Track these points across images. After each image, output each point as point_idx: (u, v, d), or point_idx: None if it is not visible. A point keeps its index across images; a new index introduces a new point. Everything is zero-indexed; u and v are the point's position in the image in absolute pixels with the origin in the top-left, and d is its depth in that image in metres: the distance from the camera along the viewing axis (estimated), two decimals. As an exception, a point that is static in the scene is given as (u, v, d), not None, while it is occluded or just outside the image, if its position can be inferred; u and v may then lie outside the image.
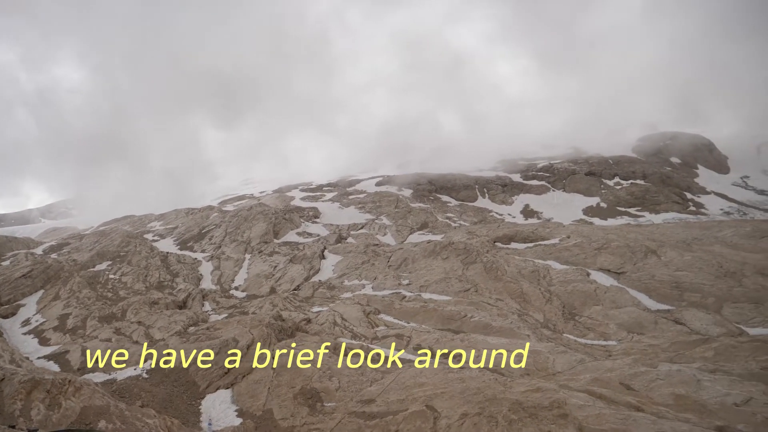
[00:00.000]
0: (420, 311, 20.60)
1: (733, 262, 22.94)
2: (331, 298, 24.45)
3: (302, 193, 57.57)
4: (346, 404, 10.93)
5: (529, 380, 10.59)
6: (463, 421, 8.73)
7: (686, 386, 9.93)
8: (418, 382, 11.00)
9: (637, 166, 64.69)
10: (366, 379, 12.13)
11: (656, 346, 16.24)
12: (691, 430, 7.71)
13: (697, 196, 59.17)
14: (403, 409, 9.72)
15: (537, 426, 8.14)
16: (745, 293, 20.40)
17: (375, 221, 45.02)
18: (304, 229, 40.92)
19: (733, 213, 54.02)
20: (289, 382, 12.30)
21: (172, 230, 41.96)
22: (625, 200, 57.07)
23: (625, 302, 21.13)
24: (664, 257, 24.27)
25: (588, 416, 8.27)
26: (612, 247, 26.02)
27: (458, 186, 60.41)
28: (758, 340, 14.81)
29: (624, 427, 7.87)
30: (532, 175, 64.76)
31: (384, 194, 54.38)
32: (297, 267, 30.30)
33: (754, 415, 8.62)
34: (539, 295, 22.21)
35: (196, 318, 20.10)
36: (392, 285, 25.19)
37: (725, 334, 17.35)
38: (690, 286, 21.45)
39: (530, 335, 17.70)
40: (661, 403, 9.31)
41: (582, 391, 9.69)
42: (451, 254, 26.82)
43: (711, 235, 29.42)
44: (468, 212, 53.00)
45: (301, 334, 15.99)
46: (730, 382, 10.08)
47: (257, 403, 11.84)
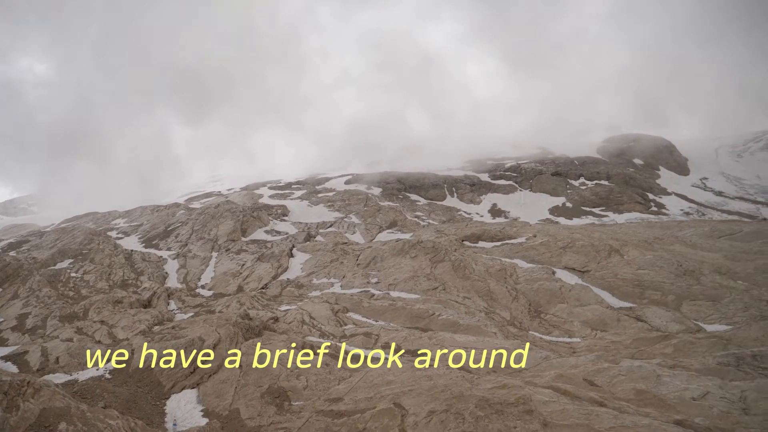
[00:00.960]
0: (388, 309, 20.65)
1: (692, 261, 23.61)
2: (299, 297, 24.33)
3: (271, 191, 57.10)
4: (313, 403, 10.89)
5: (496, 377, 10.72)
6: (430, 418, 8.78)
7: (647, 381, 10.17)
8: (386, 380, 11.03)
9: (601, 166, 66.03)
10: (334, 377, 12.11)
11: (618, 342, 16.61)
12: (651, 423, 7.90)
13: (659, 197, 60.74)
14: (371, 407, 9.73)
15: (503, 422, 8.25)
16: (703, 291, 21.03)
17: (344, 219, 44.95)
18: (272, 227, 40.59)
19: (692, 213, 55.60)
20: (256, 381, 12.20)
21: (137, 228, 41.17)
22: (589, 200, 58.20)
23: (589, 300, 21.56)
24: (626, 256, 24.83)
25: (552, 412, 8.41)
26: (577, 246, 26.51)
27: (427, 185, 60.73)
28: (715, 337, 15.29)
29: (587, 421, 8.03)
30: (499, 174, 65.53)
31: (353, 193, 54.32)
32: (265, 265, 30.04)
33: (710, 408, 8.89)
34: (506, 293, 22.50)
35: (161, 317, 19.77)
36: (361, 283, 25.20)
37: (684, 331, 17.86)
38: (651, 284, 22.00)
39: (497, 333, 17.91)
40: (623, 398, 9.51)
41: (547, 388, 9.84)
42: (419, 253, 26.95)
43: (671, 235, 30.23)
44: (437, 211, 53.33)
45: (268, 333, 15.87)
46: (688, 377, 10.35)
47: (224, 402, 11.71)
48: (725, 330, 17.12)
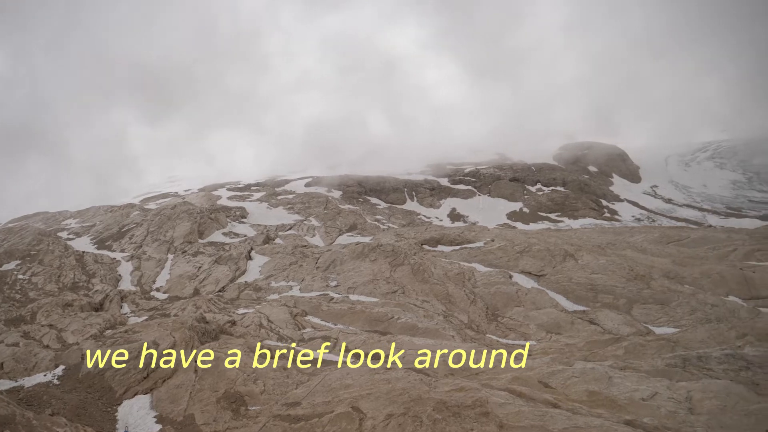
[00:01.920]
0: (348, 313, 20.61)
1: (643, 266, 24.38)
2: (257, 300, 24.03)
3: (229, 193, 56.26)
4: (270, 407, 10.76)
5: (453, 380, 10.82)
6: (388, 421, 8.80)
7: (599, 383, 10.42)
8: (344, 383, 10.99)
9: (557, 173, 67.51)
10: (292, 381, 12.00)
11: (572, 345, 16.99)
12: (603, 424, 8.10)
13: (612, 203, 62.50)
14: (329, 411, 9.68)
15: (460, 424, 8.33)
16: (652, 295, 21.73)
17: (304, 222, 44.67)
18: (230, 230, 40.00)
19: (643, 220, 57.42)
20: (212, 386, 11.97)
21: (89, 228, 39.94)
22: (546, 206, 59.43)
23: (545, 303, 22.01)
24: (581, 261, 25.46)
25: (508, 414, 8.53)
26: (533, 250, 27.03)
27: (387, 189, 60.92)
28: (663, 339, 15.82)
29: (541, 423, 8.18)
30: (459, 179, 66.26)
31: (313, 195, 54.06)
32: (222, 268, 29.56)
33: (658, 408, 9.18)
34: (464, 297, 22.76)
35: (113, 320, 19.21)
36: (320, 287, 25.07)
37: (634, 334, 18.41)
38: (604, 288, 22.62)
39: (455, 336, 18.10)
40: (576, 400, 9.73)
41: (503, 390, 9.98)
42: (379, 256, 27.00)
43: (623, 240, 31.16)
44: (397, 215, 53.55)
45: (225, 337, 15.61)
46: (638, 378, 10.66)
47: (178, 408, 11.46)
48: (673, 332, 17.72)
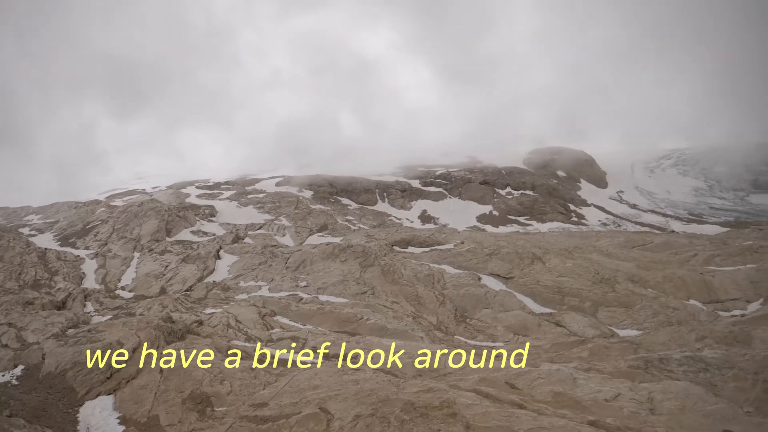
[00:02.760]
0: (317, 313, 20.52)
1: (608, 270, 24.87)
2: (225, 300, 23.75)
3: (198, 191, 55.52)
4: (237, 408, 10.66)
5: (422, 381, 10.88)
6: (356, 422, 8.80)
7: (564, 384, 10.60)
8: (312, 384, 10.95)
9: (527, 177, 68.43)
10: (259, 382, 11.90)
11: (539, 347, 17.23)
12: (567, 424, 8.24)
13: (579, 208, 63.64)
14: (297, 412, 9.64)
15: (427, 425, 8.37)
16: (617, 298, 22.19)
17: (274, 222, 44.35)
18: (199, 228, 39.47)
19: (609, 224, 58.61)
20: (177, 386, 11.79)
21: (52, 225, 38.95)
22: (515, 209, 60.17)
23: (513, 306, 22.28)
24: (548, 264, 25.84)
25: (475, 414, 8.61)
26: (502, 253, 27.33)
27: (359, 189, 60.92)
28: (627, 341, 16.19)
29: (507, 423, 8.28)
30: (430, 181, 66.62)
31: (284, 195, 53.73)
32: (190, 267, 29.13)
33: (621, 409, 9.39)
34: (433, 299, 22.88)
35: (76, 319, 18.75)
36: (289, 287, 24.91)
37: (599, 336, 18.78)
38: (570, 291, 23.00)
39: (424, 337, 18.19)
40: (542, 401, 9.87)
41: (470, 391, 10.08)
42: (349, 257, 26.97)
43: (590, 244, 31.74)
44: (368, 215, 53.57)
45: (192, 337, 15.39)
46: (602, 379, 10.88)
47: (142, 409, 11.26)
48: (636, 335, 18.14)
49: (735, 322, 17.20)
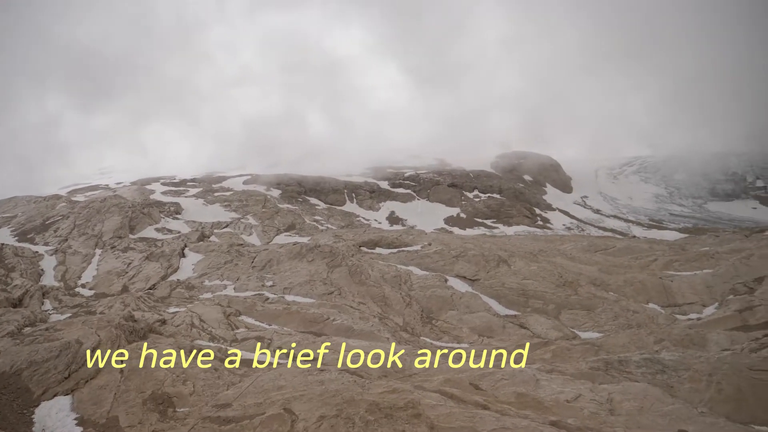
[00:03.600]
0: (283, 313, 20.37)
1: (571, 273, 25.34)
2: (189, 299, 23.38)
3: (164, 187, 54.55)
4: (200, 409, 10.50)
5: (387, 382, 10.90)
6: (320, 423, 8.77)
7: (527, 385, 10.76)
8: (277, 385, 10.86)
9: (494, 181, 69.24)
10: (223, 382, 11.76)
11: (504, 348, 17.45)
12: (529, 425, 8.36)
13: (545, 212, 64.71)
14: (261, 413, 9.56)
15: (392, 426, 8.39)
16: (579, 301, 22.63)
17: (241, 220, 43.88)
18: (163, 225, 38.78)
19: (573, 229, 59.75)
20: (138, 387, 11.56)
21: (9, 219, 37.74)
22: (482, 212, 60.83)
23: (478, 307, 22.51)
24: (513, 266, 26.19)
25: (439, 415, 8.67)
26: (469, 255, 27.58)
27: (327, 189, 60.75)
28: (588, 343, 16.53)
29: (471, 424, 8.36)
30: (399, 183, 66.85)
31: (252, 193, 53.20)
32: (154, 265, 28.59)
33: (582, 410, 9.58)
34: (400, 300, 22.96)
35: (33, 318, 18.19)
36: (255, 286, 24.67)
37: (562, 338, 19.12)
38: (534, 293, 23.36)
39: (390, 338, 18.24)
40: (505, 401, 10.00)
41: (435, 392, 10.13)
42: (317, 257, 26.86)
43: (554, 248, 32.29)
44: (336, 216, 53.46)
45: (154, 336, 15.10)
46: (563, 381, 11.08)
47: (101, 410, 10.99)
48: (597, 337, 18.54)
49: (691, 326, 17.75)
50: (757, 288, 20.82)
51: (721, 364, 11.00)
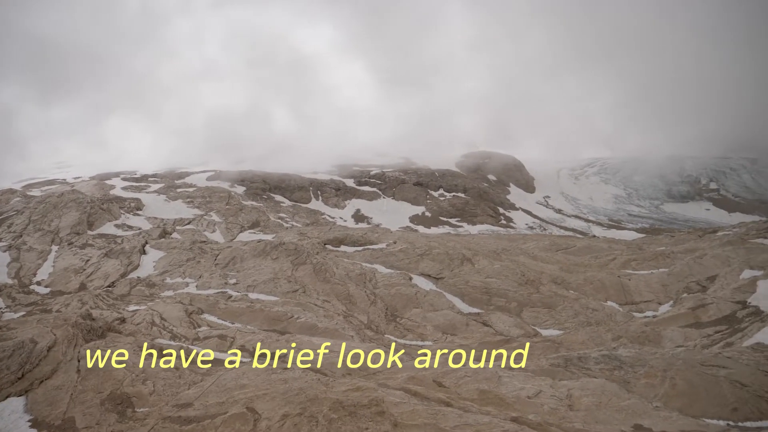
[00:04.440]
0: (246, 311, 20.15)
1: (533, 272, 25.78)
2: (150, 296, 22.92)
3: (124, 182, 53.33)
4: (160, 409, 10.32)
5: (351, 380, 10.91)
6: (284, 422, 8.72)
7: (489, 382, 10.91)
8: (239, 383, 10.76)
9: (459, 180, 69.89)
10: (184, 381, 11.57)
11: (466, 345, 17.66)
12: (491, 421, 8.48)
13: (508, 211, 65.68)
14: (223, 412, 9.45)
15: (356, 424, 8.41)
16: (541, 299, 23.05)
17: (204, 217, 43.21)
18: (124, 221, 37.90)
19: (535, 228, 60.81)
20: (96, 387, 11.28)
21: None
22: (447, 211, 61.36)
23: (442, 305, 22.70)
24: (477, 265, 26.49)
25: (403, 412, 8.72)
26: (433, 253, 27.78)
27: (293, 186, 60.36)
28: (549, 340, 16.88)
29: (434, 421, 8.44)
30: (364, 181, 66.88)
31: (215, 189, 52.45)
32: (113, 262, 27.90)
33: (542, 405, 9.78)
34: (365, 298, 22.98)
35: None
36: (218, 284, 24.32)
37: (523, 335, 19.45)
38: (497, 291, 23.69)
39: (354, 336, 18.23)
40: (468, 398, 10.12)
41: (399, 389, 10.19)
42: (281, 254, 26.65)
43: (517, 247, 32.80)
44: (301, 213, 53.15)
45: (113, 335, 14.76)
46: (524, 377, 11.28)
47: (57, 411, 10.69)
48: (557, 334, 18.93)
49: (647, 323, 18.29)
50: (709, 286, 21.57)
51: (675, 360, 11.38)
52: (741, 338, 14.39)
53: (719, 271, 22.47)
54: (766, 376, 10.40)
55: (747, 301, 17.31)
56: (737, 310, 16.96)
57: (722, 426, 9.18)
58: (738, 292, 18.32)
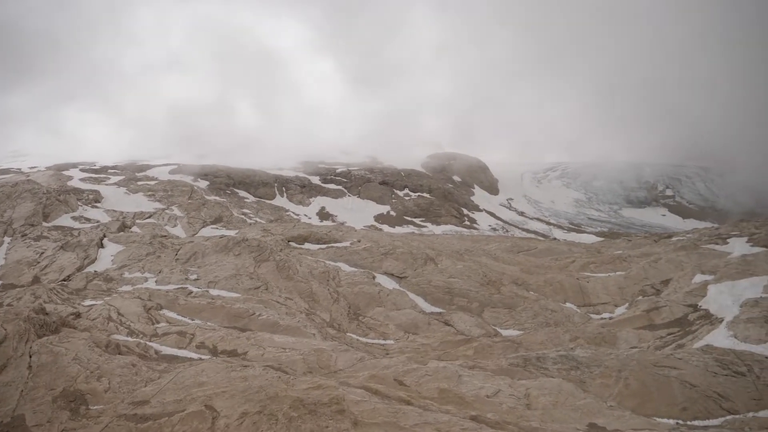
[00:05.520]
0: (207, 308, 19.86)
1: (495, 272, 26.12)
2: (107, 291, 22.36)
3: (83, 174, 51.92)
4: (115, 407, 10.09)
5: (312, 378, 10.88)
6: (242, 420, 8.65)
7: (449, 381, 11.02)
8: (198, 381, 10.61)
9: (424, 180, 70.35)
10: (141, 379, 11.34)
11: (428, 345, 17.79)
12: (450, 419, 8.57)
13: (472, 212, 66.45)
14: (180, 410, 9.30)
15: (316, 422, 8.39)
16: (502, 299, 23.37)
17: (165, 211, 42.39)
18: (81, 214, 36.88)
19: (498, 230, 61.67)
20: (48, 383, 10.95)
21: None
22: (412, 211, 61.70)
23: (405, 304, 22.80)
24: (440, 265, 26.69)
25: (363, 411, 8.74)
26: (397, 253, 27.88)
27: (257, 182, 59.79)
28: (509, 340, 17.14)
29: (395, 419, 8.48)
30: (330, 179, 66.74)
31: (178, 183, 51.50)
32: (69, 255, 27.11)
33: (500, 404, 9.93)
34: (327, 296, 22.90)
35: (-71, 309, 16.87)
36: (179, 279, 23.89)
37: (484, 335, 19.69)
38: (459, 291, 23.92)
39: (316, 334, 18.16)
40: (428, 397, 10.21)
41: (360, 388, 10.21)
42: (244, 251, 26.34)
43: (479, 248, 33.18)
44: (265, 209, 52.68)
45: (68, 330, 14.35)
46: (484, 376, 11.43)
47: (5, 408, 10.33)
48: (517, 335, 19.23)
49: (603, 324, 18.74)
50: (663, 290, 22.24)
51: (629, 361, 11.70)
52: (692, 340, 14.87)
53: (673, 275, 23.16)
54: (714, 377, 10.79)
55: (698, 305, 17.89)
56: (689, 313, 17.51)
57: (672, 425, 9.50)
58: (690, 296, 18.92)
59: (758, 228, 26.27)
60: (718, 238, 26.86)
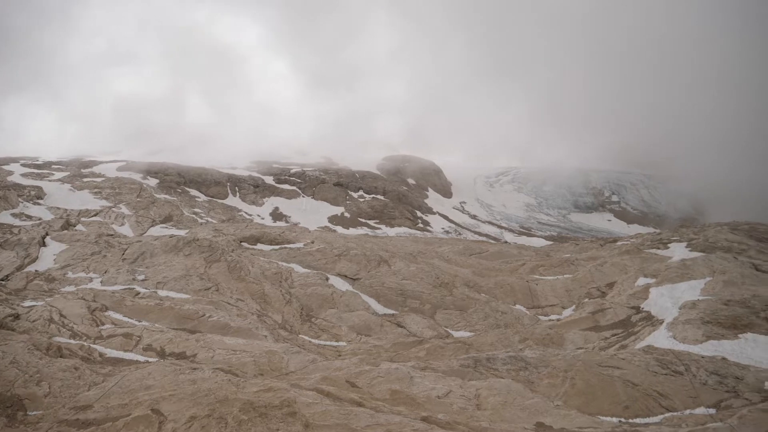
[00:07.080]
0: (154, 309, 19.34)
1: (448, 275, 26.42)
2: (49, 292, 21.48)
3: (24, 169, 49.91)
4: (56, 412, 9.72)
5: (263, 380, 10.76)
6: (191, 423, 8.47)
7: (401, 382, 11.09)
8: (144, 384, 10.35)
9: (379, 182, 70.63)
10: (84, 383, 10.96)
11: (380, 346, 17.85)
12: (402, 420, 8.63)
13: (425, 215, 67.07)
14: (126, 415, 9.04)
15: (266, 425, 8.31)
16: (454, 301, 23.67)
17: (112, 209, 41.12)
18: (22, 210, 35.39)
19: (451, 232, 62.46)
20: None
21: None
22: (366, 212, 61.84)
23: (358, 306, 22.80)
24: (394, 267, 26.82)
25: (315, 413, 8.70)
26: (351, 254, 27.86)
27: (209, 181, 58.76)
28: (460, 342, 17.38)
29: (346, 421, 8.48)
30: (284, 179, 66.21)
31: (126, 181, 50.06)
32: (8, 254, 25.93)
33: (451, 405, 10.07)
34: (280, 297, 22.68)
35: None
36: (125, 280, 23.19)
37: (436, 337, 19.89)
38: (412, 293, 24.10)
39: (268, 336, 17.95)
40: (380, 398, 10.25)
41: (312, 390, 10.16)
42: (194, 251, 25.80)
43: (432, 250, 33.50)
44: (217, 209, 51.81)
45: (5, 332, 13.74)
46: (436, 377, 11.56)
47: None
48: (468, 336, 19.52)
49: (551, 326, 19.23)
50: (608, 292, 22.99)
51: (575, 361, 12.05)
52: (634, 341, 15.44)
53: (617, 278, 23.98)
54: (655, 376, 11.23)
55: (640, 307, 18.59)
56: (632, 315, 18.17)
57: (615, 423, 9.84)
58: (633, 298, 19.64)
59: (696, 234, 27.49)
60: (660, 243, 27.94)
